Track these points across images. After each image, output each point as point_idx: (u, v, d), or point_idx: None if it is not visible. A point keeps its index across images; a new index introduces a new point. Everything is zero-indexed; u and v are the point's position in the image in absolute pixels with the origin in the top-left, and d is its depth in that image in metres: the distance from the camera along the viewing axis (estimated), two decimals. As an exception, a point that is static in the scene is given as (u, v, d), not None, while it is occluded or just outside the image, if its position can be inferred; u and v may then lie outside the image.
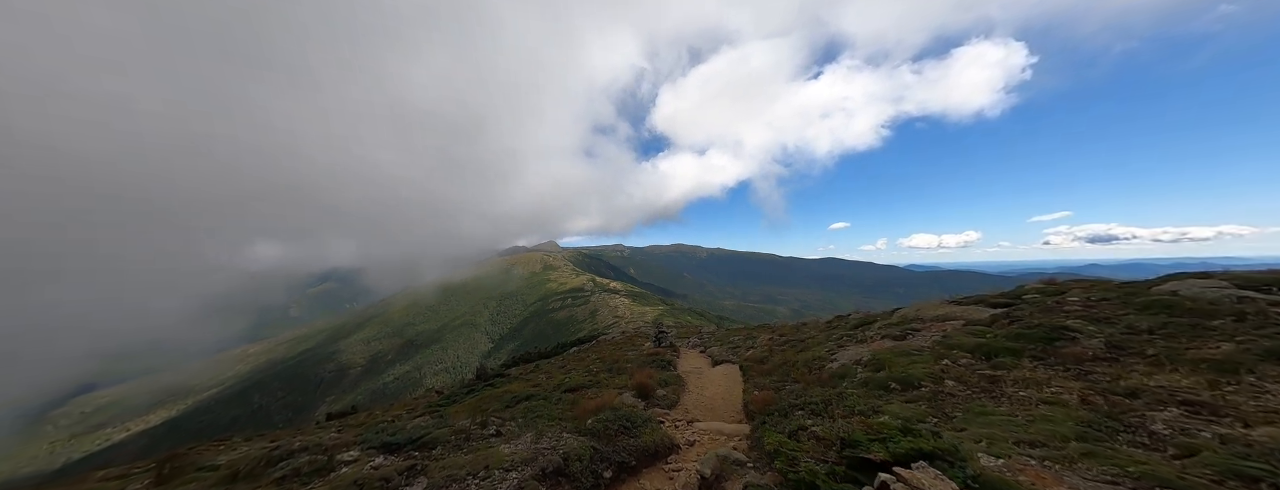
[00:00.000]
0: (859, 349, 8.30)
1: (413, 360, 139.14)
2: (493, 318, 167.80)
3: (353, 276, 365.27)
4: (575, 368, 16.12)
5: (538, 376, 14.31)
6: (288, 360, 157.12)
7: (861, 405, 4.92)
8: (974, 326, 7.13)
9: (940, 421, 4.20)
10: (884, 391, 5.54)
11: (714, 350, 17.51)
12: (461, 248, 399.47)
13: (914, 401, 4.92)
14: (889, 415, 4.41)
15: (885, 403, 4.98)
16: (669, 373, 12.46)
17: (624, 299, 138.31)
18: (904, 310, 10.28)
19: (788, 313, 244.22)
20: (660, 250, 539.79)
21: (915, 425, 3.55)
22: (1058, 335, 5.50)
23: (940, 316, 8.75)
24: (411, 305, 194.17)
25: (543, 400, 8.44)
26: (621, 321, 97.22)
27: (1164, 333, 5.13)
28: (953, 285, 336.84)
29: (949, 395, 4.89)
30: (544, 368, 17.19)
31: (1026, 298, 8.14)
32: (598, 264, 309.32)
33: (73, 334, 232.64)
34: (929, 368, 5.82)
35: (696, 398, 9.49)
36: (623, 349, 22.31)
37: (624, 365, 14.50)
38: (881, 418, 4.30)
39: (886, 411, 4.58)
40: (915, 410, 4.55)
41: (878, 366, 6.69)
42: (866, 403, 5.01)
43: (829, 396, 5.61)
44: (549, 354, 31.23)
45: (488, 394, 10.16)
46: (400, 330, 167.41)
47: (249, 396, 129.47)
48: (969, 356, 6.00)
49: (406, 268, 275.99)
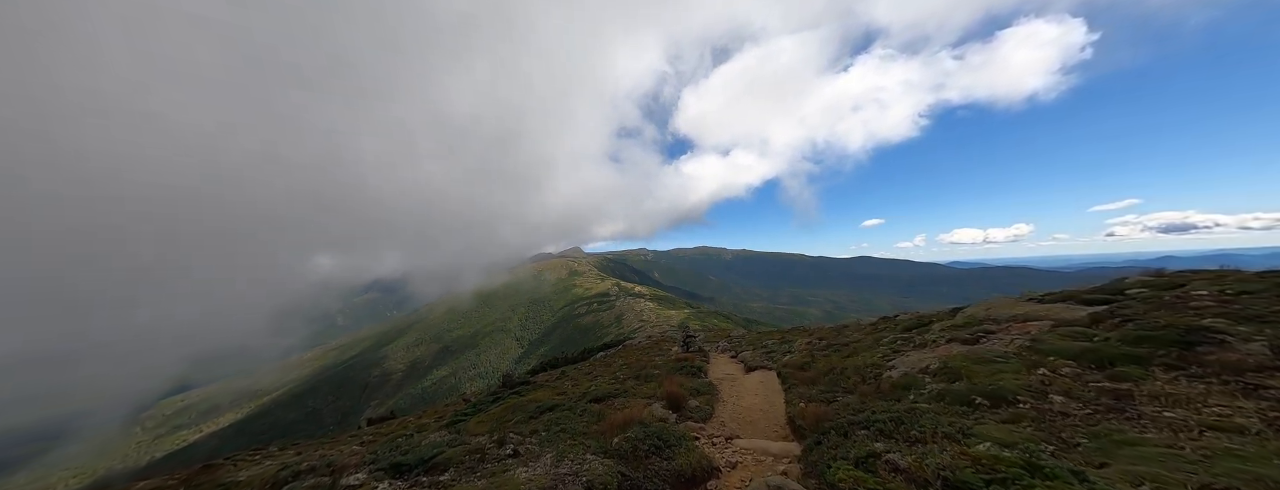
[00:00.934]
0: (922, 354, 7.24)
1: (449, 365, 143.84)
2: (523, 324, 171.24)
3: (398, 285, 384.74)
4: (601, 374, 15.56)
5: (563, 384, 13.85)
6: (338, 366, 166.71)
7: (945, 425, 4.01)
8: (1070, 328, 5.96)
9: (1061, 451, 3.27)
10: (967, 407, 4.58)
11: (747, 355, 16.48)
12: (497, 255, 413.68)
13: (1014, 422, 3.96)
14: (990, 441, 3.51)
15: (974, 422, 4.05)
16: (700, 380, 11.65)
17: (649, 303, 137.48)
18: (971, 309, 9.04)
19: (820, 315, 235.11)
20: (684, 253, 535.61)
21: (1041, 459, 2.68)
22: (1197, 338, 4.36)
23: (1018, 316, 7.53)
24: (448, 312, 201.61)
25: (567, 411, 7.89)
26: (647, 326, 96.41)
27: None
28: (1003, 283, 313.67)
29: (1060, 414, 3.91)
30: (570, 374, 16.74)
31: (1131, 293, 6.82)
32: (622, 268, 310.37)
33: (166, 342, 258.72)
34: (1022, 378, 4.80)
35: (732, 409, 8.65)
36: (649, 354, 21.59)
37: (651, 372, 13.80)
38: (980, 444, 3.41)
39: (981, 435, 3.67)
40: (1019, 434, 3.61)
41: (952, 376, 5.67)
42: (950, 422, 4.09)
43: (897, 412, 4.70)
44: (575, 359, 30.95)
45: (512, 402, 9.75)
46: (438, 336, 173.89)
47: (304, 401, 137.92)
48: (1072, 364, 4.92)
49: (448, 275, 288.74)
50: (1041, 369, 4.98)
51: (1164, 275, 7.06)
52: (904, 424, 4.38)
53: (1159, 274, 7.22)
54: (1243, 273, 6.27)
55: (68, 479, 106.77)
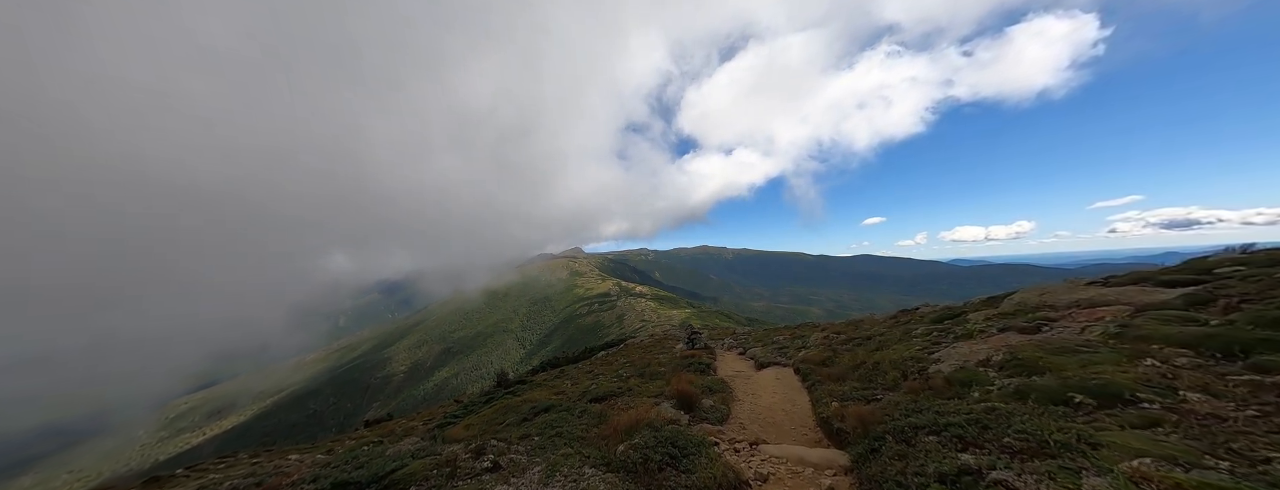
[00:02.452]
0: (974, 346, 6.26)
1: (451, 366, 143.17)
2: (525, 324, 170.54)
3: (406, 285, 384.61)
4: (603, 372, 14.61)
5: (562, 383, 12.90)
6: (341, 367, 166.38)
7: (1052, 431, 3.05)
8: (1162, 311, 4.99)
9: (1246, 470, 2.30)
10: (1067, 408, 3.61)
11: (756, 352, 15.51)
12: (505, 253, 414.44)
13: (1149, 427, 2.99)
14: (1135, 453, 2.55)
15: (1090, 426, 3.08)
16: (710, 377, 10.69)
17: (650, 303, 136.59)
18: (1020, 295, 8.06)
19: (822, 313, 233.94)
20: (685, 253, 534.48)
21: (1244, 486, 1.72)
22: None
23: (1082, 301, 6.56)
24: (451, 313, 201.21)
25: (565, 412, 6.97)
26: (649, 325, 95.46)
27: None
28: (1005, 280, 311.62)
29: (1212, 418, 2.93)
30: (569, 373, 15.80)
31: (1221, 273, 5.85)
32: (623, 268, 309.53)
33: (188, 340, 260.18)
34: (1129, 371, 3.83)
35: (750, 409, 7.70)
36: (652, 352, 20.64)
37: (656, 369, 12.84)
38: (1134, 461, 2.45)
39: (1116, 445, 2.71)
40: (1170, 445, 2.65)
41: (1026, 368, 4.70)
42: (1057, 426, 3.13)
43: (974, 413, 3.74)
44: (576, 359, 30.02)
45: (505, 403, 8.82)
46: (441, 337, 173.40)
47: (306, 403, 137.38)
48: (1189, 353, 3.94)
49: (457, 274, 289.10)
50: (1149, 359, 4.01)
51: (1261, 252, 6.10)
52: (990, 428, 3.42)
53: (1246, 253, 6.26)
54: None
55: (72, 482, 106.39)
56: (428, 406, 34.58)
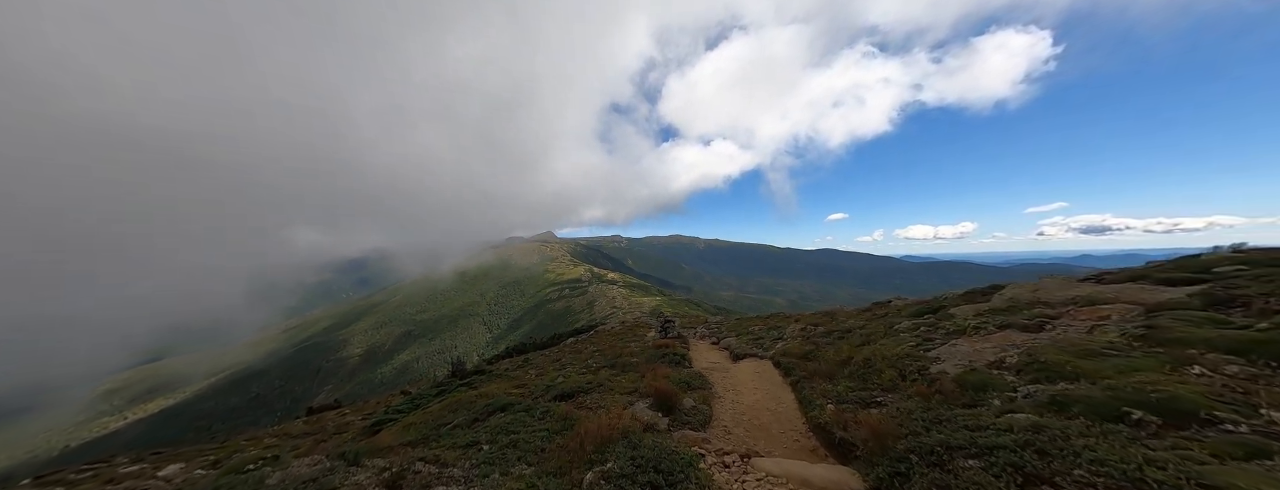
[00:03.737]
0: (976, 344, 5.81)
1: (412, 350, 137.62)
2: (493, 308, 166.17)
3: (376, 262, 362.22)
4: (572, 362, 13.69)
5: (526, 374, 11.86)
6: (293, 347, 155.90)
7: (1141, 464, 2.41)
8: (1184, 312, 4.63)
9: None
10: (1122, 425, 3.03)
11: (731, 342, 15.09)
12: (481, 234, 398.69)
13: (1251, 458, 2.40)
14: None
15: (1175, 456, 2.47)
16: (687, 371, 10.01)
17: (621, 290, 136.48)
18: (1011, 291, 7.81)
19: (785, 304, 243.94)
20: (658, 241, 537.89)
21: None
22: None
23: (1080, 300, 6.27)
24: (417, 294, 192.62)
25: (524, 412, 5.99)
26: (619, 312, 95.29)
27: None
28: (950, 276, 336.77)
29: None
30: (535, 362, 14.74)
31: (1219, 270, 5.66)
32: (595, 255, 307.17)
33: (138, 314, 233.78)
34: (1189, 383, 3.31)
35: (733, 408, 7.05)
36: (624, 340, 19.92)
37: (629, 360, 12.06)
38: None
39: (1238, 488, 2.08)
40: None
41: (1050, 373, 4.19)
42: (1139, 456, 2.50)
43: (1022, 434, 3.10)
44: (544, 345, 28.93)
45: (457, 398, 7.71)
46: (404, 319, 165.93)
47: (249, 385, 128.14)
48: (1239, 361, 3.49)
49: (430, 254, 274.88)
50: (1196, 367, 3.53)
51: (1259, 251, 5.98)
52: (1051, 455, 2.77)
53: (1240, 251, 6.16)
54: None
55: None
56: (381, 394, 32.48)
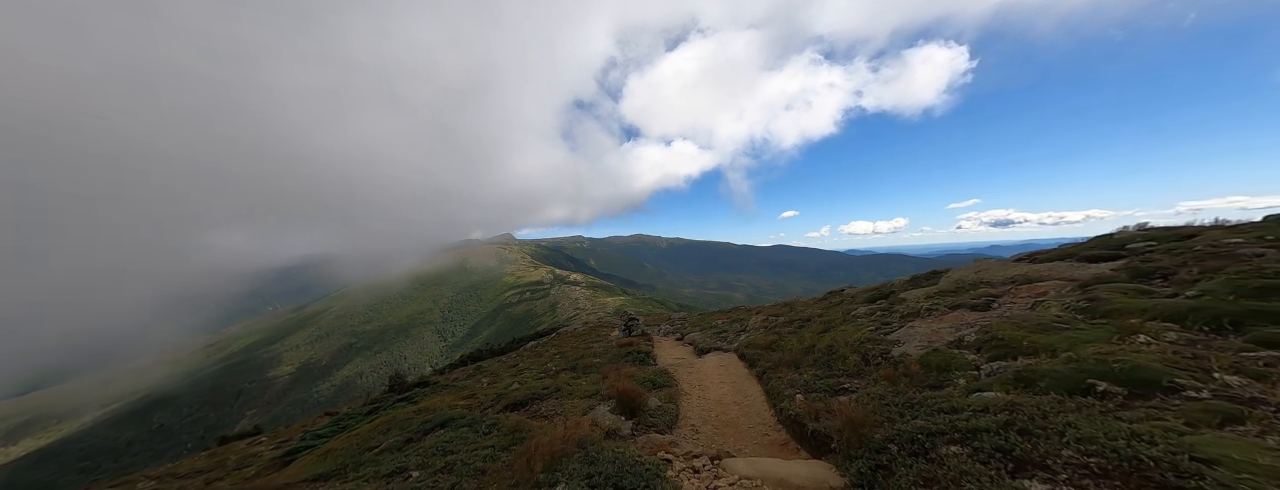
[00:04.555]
0: (933, 325, 5.89)
1: (354, 364, 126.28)
2: (447, 315, 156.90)
3: (315, 268, 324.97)
4: (529, 367, 12.80)
5: (477, 383, 10.84)
6: (211, 367, 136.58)
7: (1130, 439, 2.28)
8: (1116, 285, 4.90)
9: None
10: (1089, 397, 2.97)
11: (695, 337, 14.95)
12: (436, 236, 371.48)
13: (1225, 425, 2.34)
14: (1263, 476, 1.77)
15: (1156, 429, 2.36)
16: (652, 368, 9.60)
17: (585, 290, 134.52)
18: (956, 273, 8.16)
19: (743, 298, 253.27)
20: (621, 240, 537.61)
21: None
22: None
23: (1018, 278, 6.60)
24: (362, 302, 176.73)
25: (467, 428, 5.22)
26: (583, 313, 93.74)
27: None
28: (887, 268, 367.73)
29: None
30: (490, 370, 13.63)
31: (1132, 247, 6.18)
32: (557, 256, 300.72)
33: (34, 327, 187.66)
34: (1138, 350, 3.35)
35: (700, 405, 6.72)
36: (586, 341, 19.20)
37: (591, 361, 11.45)
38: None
39: (1237, 461, 1.96)
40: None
41: (1009, 349, 4.19)
42: (1125, 430, 2.38)
43: (1002, 415, 2.95)
44: (502, 350, 27.39)
45: (391, 416, 6.70)
46: (346, 330, 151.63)
47: (150, 415, 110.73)
48: (1175, 328, 3.63)
49: (379, 258, 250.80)
50: (1141, 336, 3.62)
51: (1161, 229, 6.62)
52: (1035, 435, 2.61)
53: (1143, 229, 6.82)
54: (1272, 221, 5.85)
55: None
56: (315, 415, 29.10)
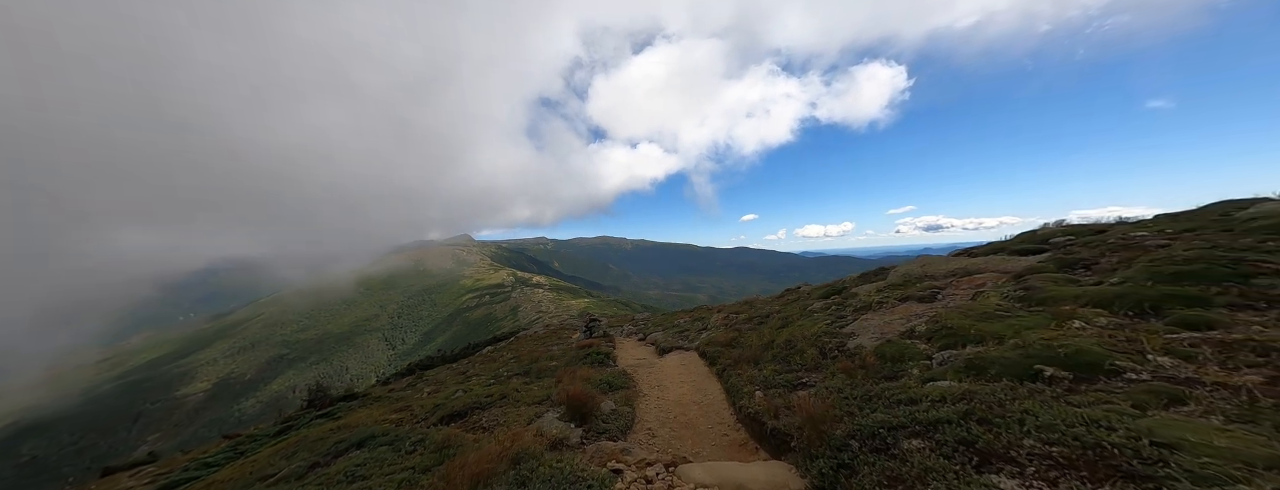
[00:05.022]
0: (883, 317, 5.96)
1: (286, 377, 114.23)
2: (396, 321, 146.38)
3: (242, 272, 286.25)
4: (480, 373, 11.89)
5: (416, 393, 9.83)
6: (104, 387, 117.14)
7: (1087, 424, 2.19)
8: (1046, 275, 5.16)
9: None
10: (1037, 382, 2.96)
11: (657, 336, 14.70)
12: (380, 238, 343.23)
13: (1170, 406, 2.32)
14: (1249, 461, 1.70)
15: (1112, 414, 2.31)
16: (610, 370, 9.17)
17: (548, 293, 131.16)
18: (903, 268, 8.47)
19: (706, 299, 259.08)
20: (585, 242, 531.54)
21: None
22: (1253, 269, 3.55)
23: (957, 271, 6.91)
24: (292, 309, 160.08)
25: (389, 446, 4.50)
26: (546, 316, 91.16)
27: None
28: (838, 268, 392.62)
29: (1222, 388, 2.39)
30: (435, 378, 12.51)
31: (1054, 241, 6.66)
32: (519, 258, 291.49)
33: None
34: (1076, 335, 3.42)
35: (658, 406, 6.39)
36: (546, 344, 18.38)
37: (547, 364, 10.81)
38: None
39: (1196, 444, 1.89)
40: (1247, 438, 1.92)
41: (957, 337, 4.22)
42: (1079, 416, 2.30)
43: (961, 405, 2.84)
44: (454, 357, 25.71)
45: (304, 436, 5.74)
46: (273, 340, 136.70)
47: (20, 445, 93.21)
48: (1105, 313, 3.78)
49: (316, 261, 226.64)
50: (1075, 322, 3.73)
51: (1081, 226, 7.22)
52: (996, 425, 2.49)
53: (1061, 226, 7.43)
54: (1174, 214, 6.49)
55: None
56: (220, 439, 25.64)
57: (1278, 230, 4.28)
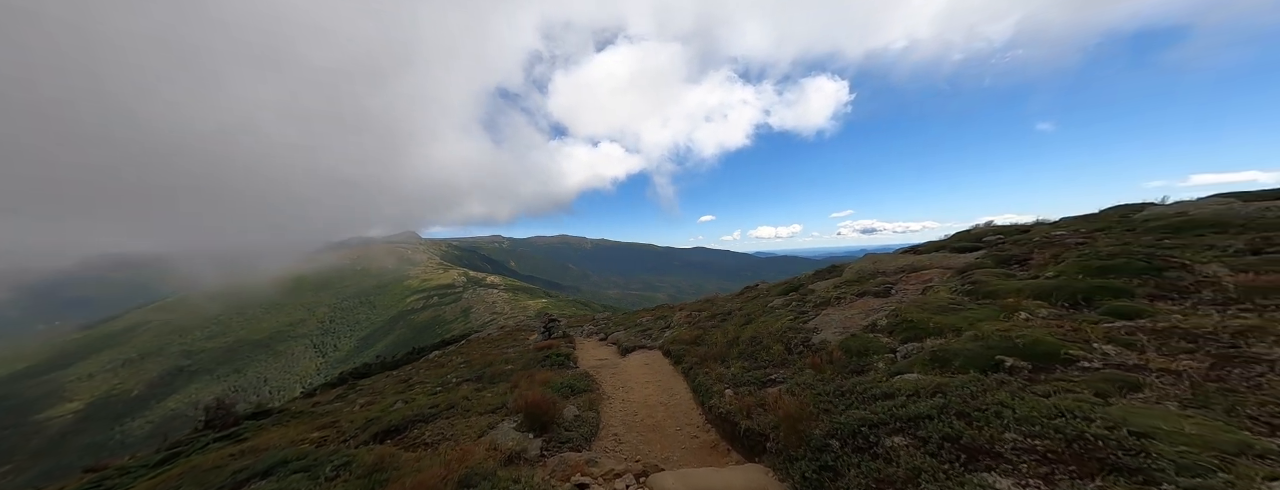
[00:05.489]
0: (844, 311, 6.10)
1: (186, 392, 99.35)
2: (328, 326, 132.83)
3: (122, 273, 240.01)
4: (425, 380, 10.83)
5: (347, 406, 8.68)
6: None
7: (1065, 416, 2.19)
8: (986, 270, 5.54)
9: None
10: (999, 373, 3.03)
11: (619, 336, 14.39)
12: (309, 236, 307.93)
13: (1126, 393, 2.41)
14: (1198, 447, 1.72)
15: (1082, 403, 2.36)
16: (571, 372, 8.70)
17: (503, 293, 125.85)
18: (856, 265, 8.84)
19: (666, 298, 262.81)
20: (544, 241, 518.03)
21: None
22: (1163, 263, 3.94)
23: (906, 267, 7.30)
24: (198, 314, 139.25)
25: (302, 475, 3.75)
26: (500, 318, 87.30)
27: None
28: (789, 268, 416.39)
29: (1167, 374, 2.53)
30: (367, 387, 11.21)
31: (987, 240, 7.25)
32: (472, 257, 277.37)
33: None
34: (1027, 326, 3.59)
35: (623, 409, 6.07)
36: (500, 347, 17.38)
37: (502, 368, 10.08)
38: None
39: (1167, 432, 1.92)
40: (1210, 423, 1.99)
41: (917, 330, 4.34)
42: (1050, 406, 2.32)
43: (938, 399, 2.82)
44: (396, 363, 23.61)
45: (187, 467, 4.72)
46: (173, 350, 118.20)
47: None
48: (1045, 305, 4.04)
49: (235, 259, 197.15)
50: (1021, 313, 3.95)
51: (1009, 226, 7.93)
52: (976, 419, 2.46)
53: (992, 227, 8.16)
54: (1084, 216, 7.27)
55: None
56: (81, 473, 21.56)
57: (1172, 230, 4.92)
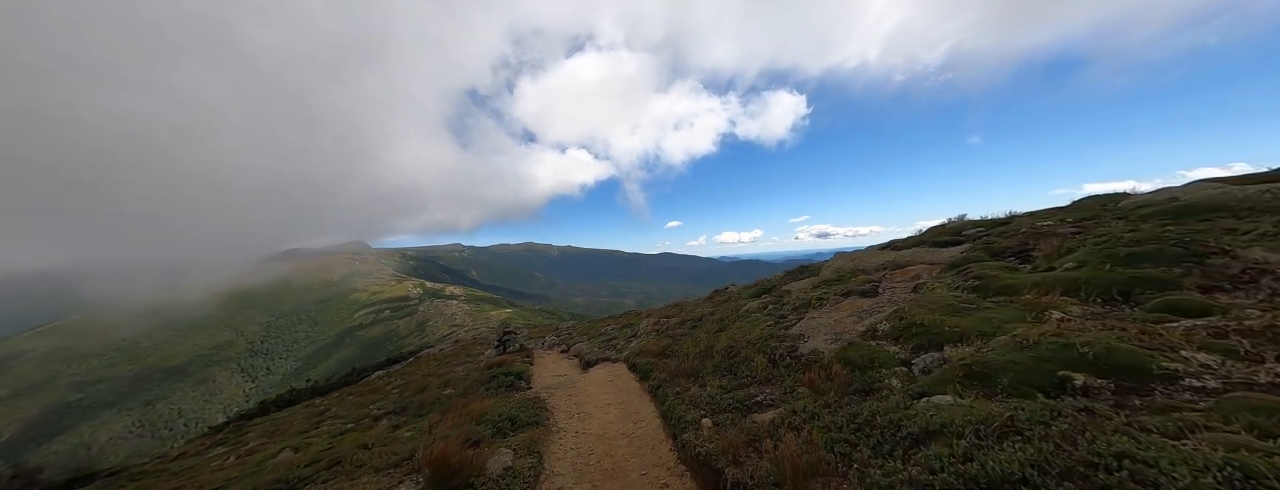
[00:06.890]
0: (831, 315, 5.30)
1: (78, 432, 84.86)
2: (259, 346, 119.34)
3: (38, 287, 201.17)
4: (342, 414, 8.97)
5: (223, 457, 6.79)
6: None
7: (1221, 481, 1.33)
8: (985, 264, 4.95)
9: None
10: (1070, 396, 2.21)
11: (582, 347, 13.09)
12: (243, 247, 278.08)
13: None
14: None
15: (1259, 456, 1.52)
16: (520, 396, 7.35)
17: (464, 305, 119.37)
18: (834, 263, 8.24)
19: (634, 304, 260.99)
20: (509, 249, 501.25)
21: None
22: (1202, 249, 3.41)
23: (888, 264, 6.73)
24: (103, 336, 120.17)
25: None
26: (459, 330, 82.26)
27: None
28: (752, 271, 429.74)
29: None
30: (270, 425, 9.15)
31: (967, 233, 6.85)
32: (429, 267, 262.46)
33: None
34: (1082, 331, 2.84)
35: (577, 444, 4.88)
36: (449, 364, 15.50)
37: (439, 393, 8.52)
38: None
39: None
40: None
41: (931, 336, 3.54)
42: (1197, 460, 1.47)
43: (1023, 458, 1.94)
44: (329, 387, 20.79)
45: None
46: (62, 381, 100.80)
47: None
48: (1077, 301, 3.38)
49: (144, 276, 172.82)
50: (1053, 312, 3.25)
51: (986, 220, 7.62)
52: (1101, 483, 1.58)
53: (969, 220, 7.86)
54: (1077, 204, 7.01)
55: None
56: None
57: (1171, 215, 4.57)
